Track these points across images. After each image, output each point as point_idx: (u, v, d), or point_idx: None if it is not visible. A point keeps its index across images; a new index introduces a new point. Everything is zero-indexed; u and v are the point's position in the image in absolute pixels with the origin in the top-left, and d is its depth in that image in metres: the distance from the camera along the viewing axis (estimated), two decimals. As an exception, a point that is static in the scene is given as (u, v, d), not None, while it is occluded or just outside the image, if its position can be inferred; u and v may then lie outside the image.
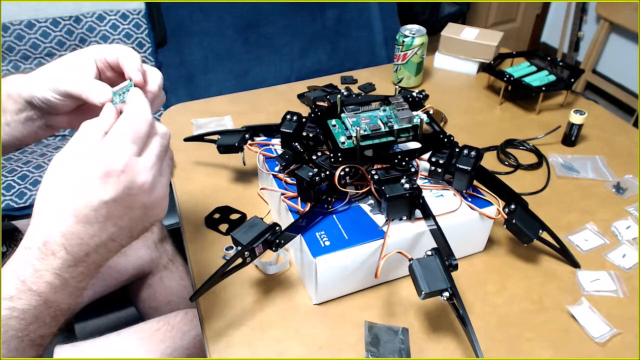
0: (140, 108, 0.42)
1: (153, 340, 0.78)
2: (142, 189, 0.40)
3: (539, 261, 0.66)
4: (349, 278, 0.59)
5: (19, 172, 1.24)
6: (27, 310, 0.38)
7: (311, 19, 1.65)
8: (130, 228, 0.41)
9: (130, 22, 1.43)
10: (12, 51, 1.36)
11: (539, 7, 2.56)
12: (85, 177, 0.38)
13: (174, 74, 1.54)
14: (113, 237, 0.40)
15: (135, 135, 0.40)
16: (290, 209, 0.61)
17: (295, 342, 0.56)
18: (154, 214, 0.42)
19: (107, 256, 0.42)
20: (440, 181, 0.63)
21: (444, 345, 0.56)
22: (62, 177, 0.39)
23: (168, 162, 0.44)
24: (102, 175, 0.38)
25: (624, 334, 0.57)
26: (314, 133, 0.64)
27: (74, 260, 0.39)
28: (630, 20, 2.00)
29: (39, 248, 0.38)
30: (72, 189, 0.38)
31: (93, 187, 0.38)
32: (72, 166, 0.39)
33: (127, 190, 0.39)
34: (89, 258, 0.40)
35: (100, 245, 0.40)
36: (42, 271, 0.38)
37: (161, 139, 0.42)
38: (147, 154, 0.41)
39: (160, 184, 0.42)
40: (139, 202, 0.40)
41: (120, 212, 0.40)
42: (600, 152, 0.84)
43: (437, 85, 1.05)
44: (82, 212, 0.38)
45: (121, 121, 0.41)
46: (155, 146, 0.42)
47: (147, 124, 0.41)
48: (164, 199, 0.43)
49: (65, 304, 0.40)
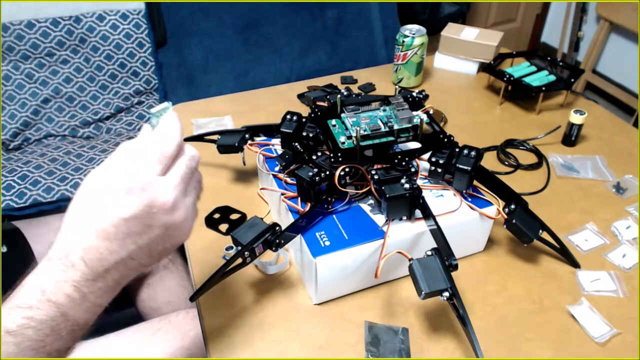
0: (170, 129, 0.42)
1: (154, 340, 0.78)
2: (162, 208, 0.40)
3: (539, 261, 0.66)
4: (349, 278, 0.59)
5: (19, 172, 1.24)
6: (44, 322, 0.38)
7: (311, 19, 1.64)
8: (150, 247, 0.41)
9: (130, 22, 1.43)
10: (12, 51, 1.36)
11: (539, 7, 2.56)
12: (108, 193, 0.39)
13: (174, 74, 1.54)
14: (132, 255, 0.40)
15: (161, 154, 0.41)
16: (290, 209, 0.61)
17: (295, 342, 0.56)
18: (175, 235, 0.42)
19: (127, 274, 0.41)
20: (440, 181, 0.63)
21: (444, 345, 0.56)
22: (90, 192, 0.40)
23: (194, 184, 0.44)
24: (123, 191, 0.39)
25: (624, 334, 0.57)
26: (314, 133, 0.64)
27: (92, 274, 0.39)
28: (630, 20, 2.00)
29: (61, 259, 0.39)
30: (95, 203, 0.39)
31: (114, 202, 0.39)
32: (99, 182, 0.40)
33: (147, 208, 0.39)
34: (108, 275, 0.40)
35: (120, 263, 0.40)
36: (62, 282, 0.38)
37: (188, 161, 0.43)
38: (171, 173, 0.41)
39: (183, 205, 0.41)
40: (159, 221, 0.40)
41: (140, 230, 0.39)
42: (600, 152, 0.84)
43: (437, 85, 1.05)
44: (102, 227, 0.38)
45: (150, 140, 0.42)
46: (180, 167, 0.42)
47: (174, 144, 0.41)
48: (187, 220, 0.42)
49: (83, 319, 0.40)
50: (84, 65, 1.43)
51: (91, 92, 1.46)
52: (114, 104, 1.48)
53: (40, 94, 1.41)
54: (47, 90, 1.42)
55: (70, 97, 1.44)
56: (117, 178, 0.39)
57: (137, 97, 1.51)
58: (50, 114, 1.43)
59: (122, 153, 0.41)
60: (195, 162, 0.44)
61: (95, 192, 0.40)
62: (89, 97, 1.46)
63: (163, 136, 0.42)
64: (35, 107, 1.40)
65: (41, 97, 1.41)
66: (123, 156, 0.41)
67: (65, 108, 1.44)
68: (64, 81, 1.43)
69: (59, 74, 1.42)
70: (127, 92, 1.49)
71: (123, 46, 1.44)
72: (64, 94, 1.43)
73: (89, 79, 1.45)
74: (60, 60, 1.42)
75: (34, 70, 1.40)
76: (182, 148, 0.43)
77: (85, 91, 1.45)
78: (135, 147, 0.41)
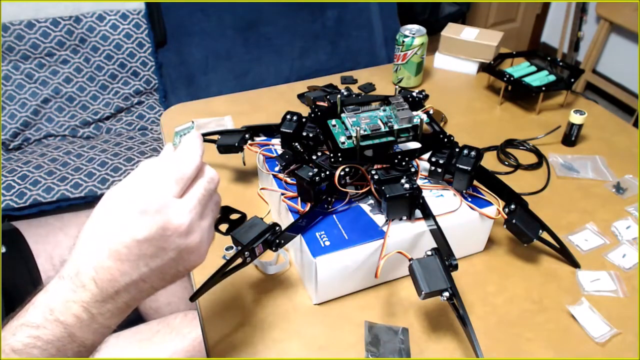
0: (190, 150, 0.41)
1: (153, 342, 0.78)
2: (177, 230, 0.39)
3: (539, 261, 0.66)
4: (349, 278, 0.59)
5: (19, 172, 1.24)
6: (50, 342, 0.37)
7: (311, 19, 1.65)
8: (162, 270, 0.40)
9: (130, 22, 1.43)
10: (12, 51, 1.36)
11: (539, 7, 2.56)
12: (123, 213, 0.38)
13: (174, 74, 1.54)
14: (144, 277, 0.39)
15: (179, 175, 0.40)
16: (290, 209, 0.61)
17: (295, 342, 0.56)
18: (189, 259, 0.41)
19: (138, 297, 0.40)
20: (440, 181, 0.63)
21: (444, 345, 0.56)
22: (105, 211, 0.39)
23: (212, 206, 0.43)
24: (138, 212, 0.38)
25: (624, 334, 0.56)
26: (314, 133, 0.64)
27: (102, 295, 0.38)
28: (630, 20, 2.00)
29: (72, 278, 0.38)
30: (109, 223, 0.38)
31: (128, 223, 0.38)
32: (116, 201, 0.39)
33: (160, 231, 0.38)
34: (119, 296, 0.39)
35: (131, 285, 0.39)
36: (71, 303, 0.37)
37: (207, 183, 0.42)
38: (188, 196, 0.40)
39: (198, 228, 0.40)
40: (173, 244, 0.39)
41: (153, 252, 0.38)
42: (600, 152, 0.84)
43: (437, 85, 1.05)
44: (115, 248, 0.38)
45: (169, 160, 0.41)
46: (198, 189, 0.41)
47: (193, 166, 0.41)
48: (202, 244, 0.41)
49: (90, 341, 0.39)
50: (84, 65, 1.44)
51: (91, 92, 1.46)
52: (114, 104, 1.49)
53: (40, 94, 1.41)
54: (47, 90, 1.42)
55: (70, 97, 1.44)
56: (133, 198, 0.38)
57: (137, 97, 1.51)
58: (50, 114, 1.43)
59: (141, 172, 0.40)
60: (215, 184, 0.43)
61: (110, 211, 0.39)
62: (89, 97, 1.46)
63: (182, 157, 0.41)
64: (35, 107, 1.41)
65: (41, 97, 1.41)
66: (142, 175, 0.40)
67: (65, 108, 1.44)
68: (64, 81, 1.43)
69: (59, 74, 1.42)
70: (127, 92, 1.49)
71: (123, 46, 1.44)
72: (64, 94, 1.44)
73: (89, 79, 1.45)
74: (60, 60, 1.42)
75: (34, 70, 1.40)
76: (202, 169, 0.42)
77: (85, 91, 1.45)
78: (154, 167, 0.40)
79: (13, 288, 0.81)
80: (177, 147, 0.43)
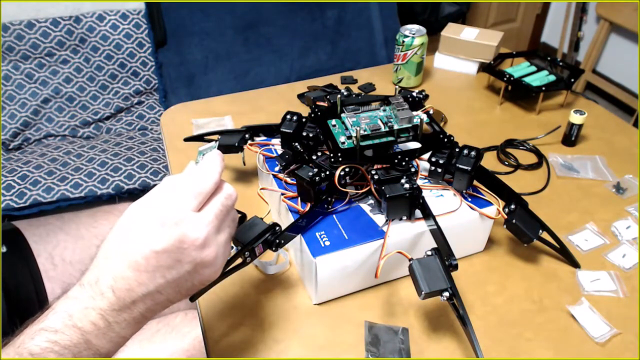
0: (210, 167, 0.43)
1: (153, 341, 0.78)
2: (193, 243, 0.40)
3: (539, 261, 0.66)
4: (349, 278, 0.59)
5: (19, 172, 1.24)
6: (67, 347, 0.38)
7: (311, 19, 1.65)
8: (178, 283, 0.41)
9: (130, 22, 1.43)
10: (12, 51, 1.36)
11: (539, 7, 2.56)
12: (143, 225, 0.40)
13: (174, 74, 1.54)
14: (160, 288, 0.40)
15: (198, 190, 0.41)
16: (290, 209, 0.61)
17: (295, 342, 0.56)
18: (204, 272, 0.42)
19: (153, 308, 0.41)
20: (440, 181, 0.63)
21: (444, 345, 0.56)
22: (127, 223, 0.41)
23: (229, 222, 0.44)
24: (157, 224, 0.39)
25: (624, 334, 0.57)
26: (314, 133, 0.64)
27: (119, 304, 0.39)
28: (630, 20, 2.00)
29: (92, 286, 0.39)
30: (130, 234, 0.40)
31: (147, 235, 0.39)
32: (137, 213, 0.41)
33: (178, 243, 0.39)
34: (135, 306, 0.40)
35: (147, 295, 0.40)
36: (90, 309, 0.39)
37: (224, 199, 0.43)
38: (205, 210, 0.42)
39: (214, 243, 0.42)
40: (189, 256, 0.40)
41: (169, 264, 0.40)
42: (600, 152, 0.84)
43: (437, 85, 1.05)
44: (133, 259, 0.39)
45: (189, 176, 0.43)
46: (216, 204, 0.42)
47: (212, 182, 0.42)
48: (217, 258, 0.42)
49: (105, 349, 0.40)
50: (84, 65, 1.44)
51: (91, 92, 1.46)
52: (114, 104, 1.49)
53: (40, 94, 1.41)
54: (47, 90, 1.42)
55: (70, 97, 1.44)
56: (153, 211, 0.40)
57: (137, 97, 1.51)
58: (50, 114, 1.43)
59: (163, 186, 0.42)
60: (232, 200, 0.44)
61: (132, 223, 0.40)
62: (89, 97, 1.46)
63: (202, 173, 0.43)
64: (35, 107, 1.41)
65: (41, 97, 1.41)
66: (163, 189, 0.42)
67: (65, 108, 1.44)
68: (64, 81, 1.43)
69: (59, 74, 1.42)
70: (127, 92, 1.49)
71: (123, 46, 1.44)
72: (64, 94, 1.44)
73: (89, 79, 1.45)
74: (60, 60, 1.42)
75: (34, 70, 1.40)
76: (221, 186, 0.44)
77: (85, 91, 1.45)
78: (176, 182, 0.42)
79: (13, 287, 0.81)
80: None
